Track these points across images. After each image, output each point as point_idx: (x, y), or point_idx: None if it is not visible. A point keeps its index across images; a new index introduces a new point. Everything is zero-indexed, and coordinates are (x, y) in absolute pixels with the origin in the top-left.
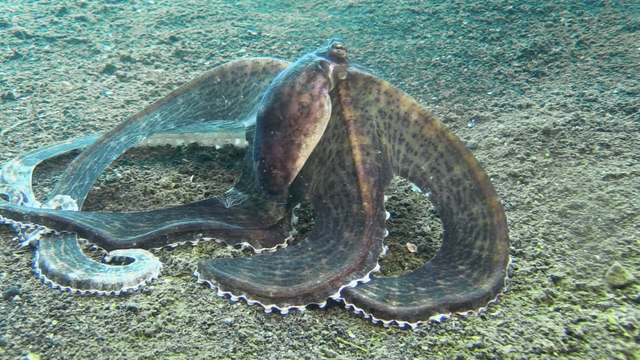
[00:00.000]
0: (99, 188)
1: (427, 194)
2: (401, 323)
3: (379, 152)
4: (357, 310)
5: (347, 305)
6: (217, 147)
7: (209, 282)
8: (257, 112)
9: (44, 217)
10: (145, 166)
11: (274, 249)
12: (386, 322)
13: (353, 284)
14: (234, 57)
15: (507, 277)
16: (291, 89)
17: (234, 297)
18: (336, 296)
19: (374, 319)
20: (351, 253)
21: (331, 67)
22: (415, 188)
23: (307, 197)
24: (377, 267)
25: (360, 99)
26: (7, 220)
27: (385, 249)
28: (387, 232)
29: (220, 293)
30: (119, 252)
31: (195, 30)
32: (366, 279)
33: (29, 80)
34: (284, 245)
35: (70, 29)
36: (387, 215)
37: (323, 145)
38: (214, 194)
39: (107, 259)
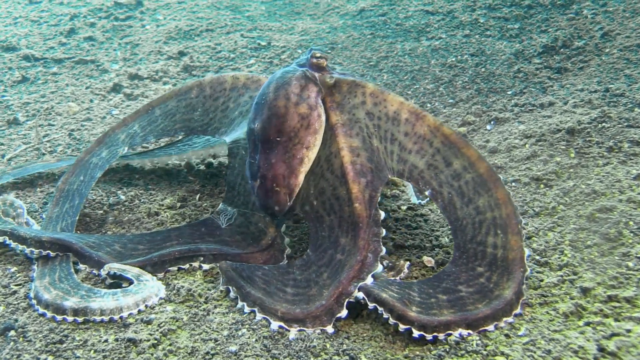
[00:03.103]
0: (101, 212)
1: (427, 192)
2: (417, 332)
3: (370, 153)
4: (379, 309)
5: (371, 305)
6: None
7: (230, 288)
8: (251, 130)
9: (48, 241)
10: (150, 186)
11: None
12: (402, 327)
13: (356, 293)
14: (243, 69)
15: (527, 273)
16: (286, 100)
17: (247, 310)
18: (344, 314)
19: (391, 320)
20: (349, 260)
21: (317, 75)
22: (413, 199)
23: (297, 209)
24: (380, 268)
25: (346, 104)
26: (13, 244)
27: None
28: (384, 232)
29: (239, 304)
30: (115, 266)
31: (204, 43)
32: (369, 280)
33: (35, 103)
34: (285, 262)
35: (78, 49)
36: (382, 215)
37: None
38: None
39: (103, 272)
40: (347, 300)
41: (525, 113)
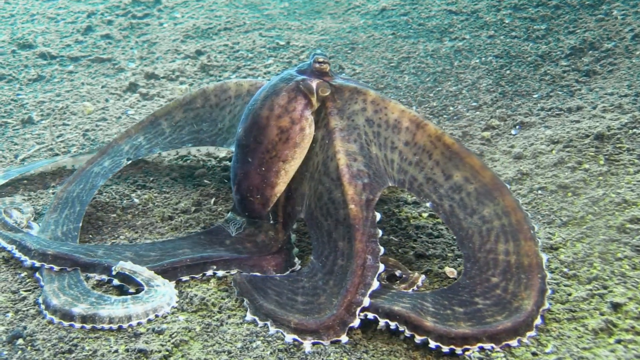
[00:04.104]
0: (114, 215)
1: (427, 204)
2: (433, 343)
3: (368, 160)
4: (392, 324)
5: (381, 322)
6: None
7: (244, 299)
8: (236, 135)
9: (53, 255)
10: (164, 190)
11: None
12: (418, 338)
13: (366, 301)
14: (260, 69)
15: (548, 277)
16: (270, 111)
17: (259, 324)
18: (356, 323)
19: (407, 332)
20: (350, 265)
21: (314, 84)
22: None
23: (302, 216)
24: (382, 267)
25: (346, 110)
26: (17, 254)
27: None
28: (380, 232)
29: (249, 317)
30: (127, 266)
31: (222, 42)
32: (375, 284)
33: (50, 102)
34: (297, 268)
35: (95, 47)
36: (378, 216)
37: (312, 160)
38: None
39: (114, 271)
40: (358, 309)
41: (552, 117)
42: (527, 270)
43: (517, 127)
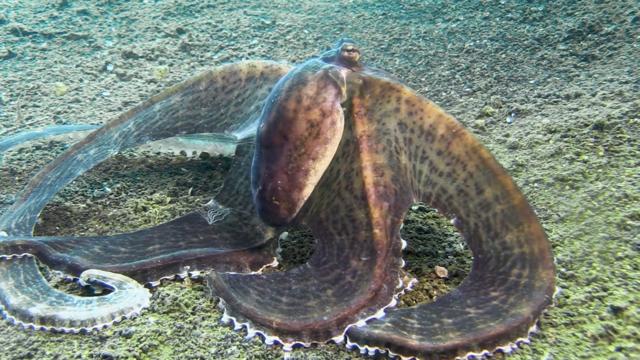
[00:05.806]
0: (84, 206)
1: (452, 221)
2: None
3: (396, 172)
4: (371, 350)
5: (362, 349)
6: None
7: (220, 298)
8: (257, 130)
9: (22, 245)
10: (138, 178)
11: (260, 270)
12: (405, 359)
13: (361, 323)
14: (244, 49)
15: (552, 305)
16: (297, 103)
17: (237, 325)
18: (340, 339)
19: (391, 354)
20: (361, 285)
21: (343, 73)
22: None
23: (304, 222)
24: (394, 303)
25: (376, 110)
26: None
27: (411, 282)
28: (403, 263)
29: (225, 318)
30: (95, 272)
31: (205, 20)
32: (380, 314)
33: (21, 82)
34: (274, 264)
35: (70, 23)
36: (404, 244)
37: (330, 165)
38: None
39: (82, 280)
40: (348, 326)
41: (549, 105)
42: (535, 289)
43: (513, 114)
